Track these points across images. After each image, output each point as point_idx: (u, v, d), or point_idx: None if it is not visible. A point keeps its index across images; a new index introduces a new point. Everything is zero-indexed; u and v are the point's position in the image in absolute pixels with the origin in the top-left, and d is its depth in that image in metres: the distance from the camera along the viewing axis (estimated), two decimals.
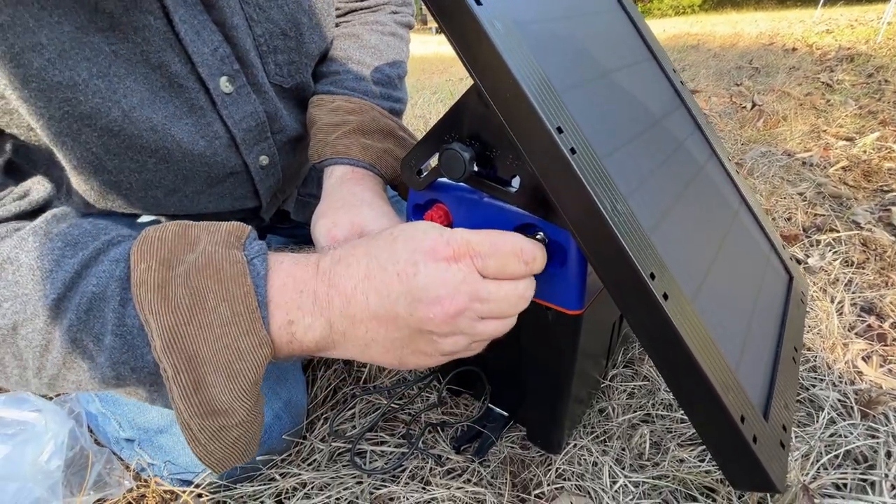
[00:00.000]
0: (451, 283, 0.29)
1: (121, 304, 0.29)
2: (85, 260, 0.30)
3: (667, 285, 0.29)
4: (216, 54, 0.41)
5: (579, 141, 0.29)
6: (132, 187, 0.42)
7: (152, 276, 0.28)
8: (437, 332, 0.30)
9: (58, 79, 0.34)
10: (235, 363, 0.28)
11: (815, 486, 0.41)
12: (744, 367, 0.33)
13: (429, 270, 0.29)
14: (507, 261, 0.31)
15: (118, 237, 0.32)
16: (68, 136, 0.36)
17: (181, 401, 0.28)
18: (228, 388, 0.28)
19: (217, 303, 0.28)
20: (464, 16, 0.28)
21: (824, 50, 2.82)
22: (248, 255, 0.31)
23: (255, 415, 0.30)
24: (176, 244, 0.30)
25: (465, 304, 0.30)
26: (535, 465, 0.46)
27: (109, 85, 0.36)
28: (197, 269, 0.29)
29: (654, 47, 0.49)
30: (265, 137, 0.49)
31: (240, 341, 0.29)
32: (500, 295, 0.31)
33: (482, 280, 0.30)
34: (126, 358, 0.29)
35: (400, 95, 0.58)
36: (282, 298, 0.30)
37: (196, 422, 0.28)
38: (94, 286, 0.29)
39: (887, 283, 0.69)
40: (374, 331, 0.31)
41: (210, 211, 0.50)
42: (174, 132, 0.41)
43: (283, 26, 0.47)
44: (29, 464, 0.43)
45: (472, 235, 0.31)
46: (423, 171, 0.39)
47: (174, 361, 0.28)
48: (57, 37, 0.33)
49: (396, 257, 0.30)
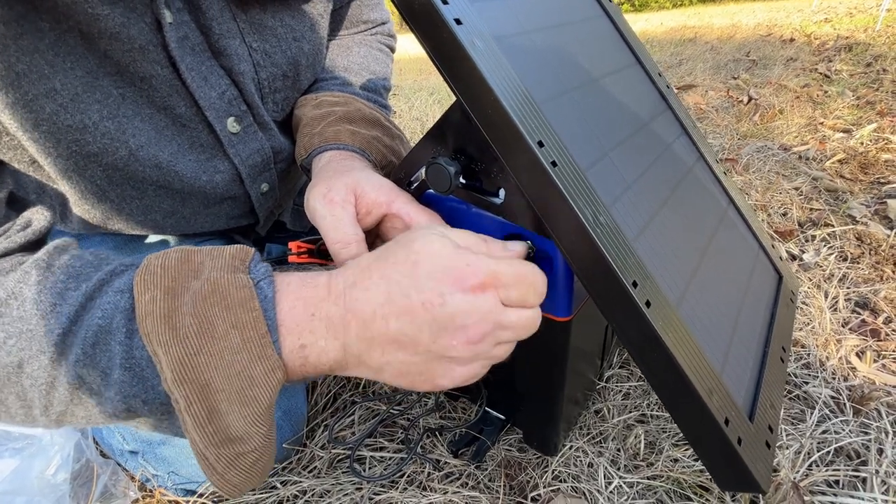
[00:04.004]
0: (478, 314, 0.29)
1: (127, 337, 0.28)
2: (89, 292, 0.29)
3: (649, 293, 0.30)
4: (223, 97, 0.42)
5: (560, 153, 0.30)
6: (133, 212, 0.43)
7: (157, 307, 0.28)
8: (457, 357, 0.30)
9: (69, 122, 0.34)
10: (248, 390, 0.28)
11: (807, 484, 0.42)
12: (729, 369, 0.34)
13: (456, 300, 0.28)
14: (527, 291, 0.31)
15: (121, 266, 0.31)
16: (75, 171, 0.37)
17: (195, 431, 0.27)
18: (243, 415, 0.28)
19: (226, 330, 0.28)
20: (444, 35, 0.29)
21: (822, 40, 2.80)
22: (254, 279, 0.30)
23: (270, 438, 0.30)
24: (179, 271, 0.29)
25: (488, 331, 0.30)
26: (532, 467, 0.47)
27: (118, 126, 0.37)
28: (203, 297, 0.28)
29: (638, 52, 0.49)
30: (268, 169, 0.50)
31: (251, 368, 0.28)
32: (520, 323, 0.31)
33: (504, 309, 0.30)
34: (136, 391, 0.29)
35: (384, 103, 0.59)
36: (293, 322, 0.30)
37: (212, 451, 0.28)
38: (100, 318, 0.28)
39: (882, 278, 0.69)
40: (391, 354, 0.30)
41: (206, 230, 0.51)
42: (178, 168, 0.42)
43: (285, 69, 0.48)
44: (36, 477, 0.44)
45: (497, 266, 0.30)
46: (413, 183, 0.40)
47: (186, 392, 0.27)
48: (70, 82, 0.34)
49: (420, 285, 0.29)
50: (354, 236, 0.36)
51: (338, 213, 0.36)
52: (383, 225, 0.40)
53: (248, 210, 0.52)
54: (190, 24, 0.38)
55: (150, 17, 0.36)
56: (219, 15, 0.40)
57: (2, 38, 0.30)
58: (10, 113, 0.32)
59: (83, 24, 0.33)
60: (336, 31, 0.60)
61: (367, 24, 0.62)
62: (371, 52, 0.59)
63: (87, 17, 0.33)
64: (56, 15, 0.32)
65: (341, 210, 0.37)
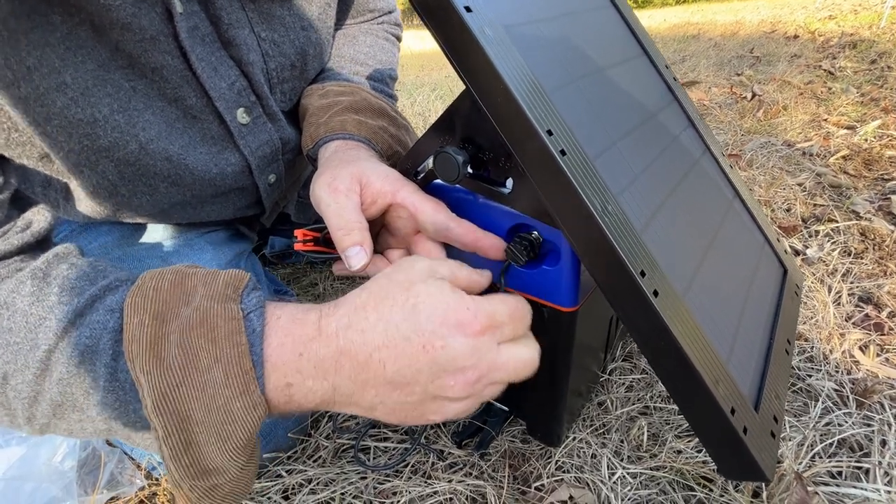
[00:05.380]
0: (477, 356, 0.29)
1: (112, 359, 0.28)
2: (79, 308, 0.29)
3: (657, 282, 0.30)
4: (233, 88, 0.42)
5: (569, 142, 0.30)
6: (142, 205, 0.43)
7: (145, 332, 0.27)
8: (452, 397, 0.30)
9: (80, 116, 0.34)
10: (228, 425, 0.27)
11: (810, 474, 0.42)
12: (735, 359, 0.34)
13: (457, 344, 0.29)
14: (518, 325, 0.32)
15: (115, 282, 0.31)
16: (86, 166, 0.37)
17: (171, 461, 0.27)
18: (220, 449, 0.27)
19: (210, 364, 0.27)
20: (454, 23, 0.28)
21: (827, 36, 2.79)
22: (245, 309, 0.29)
23: (248, 466, 0.30)
24: (172, 295, 0.29)
25: (484, 372, 0.30)
26: (535, 458, 0.47)
27: (129, 119, 0.37)
28: (190, 327, 0.28)
29: (645, 43, 0.49)
30: (276, 160, 0.50)
31: (232, 403, 0.27)
32: (512, 364, 0.31)
33: (499, 349, 0.31)
34: (117, 414, 0.29)
35: (391, 92, 0.59)
36: (279, 359, 0.29)
37: (187, 482, 0.27)
38: (87, 338, 0.28)
39: (885, 273, 0.69)
40: (384, 395, 0.30)
41: (213, 219, 0.51)
42: (189, 161, 0.42)
43: (293, 59, 0.48)
44: (43, 464, 0.45)
45: (492, 307, 0.31)
46: (420, 174, 0.40)
47: (164, 422, 0.26)
48: (81, 76, 0.34)
49: (421, 329, 0.29)
50: (358, 224, 0.36)
51: (342, 202, 0.36)
52: (388, 214, 0.40)
53: (254, 201, 0.52)
54: (200, 14, 0.38)
55: (161, 7, 0.36)
56: (228, 5, 0.40)
57: (13, 32, 0.30)
58: (21, 107, 0.32)
59: (95, 16, 0.33)
60: (342, 21, 0.60)
61: (373, 13, 0.62)
62: (377, 41, 0.59)
63: (98, 7, 0.33)
64: (68, 7, 0.32)
65: (345, 198, 0.37)
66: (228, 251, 0.53)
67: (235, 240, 0.58)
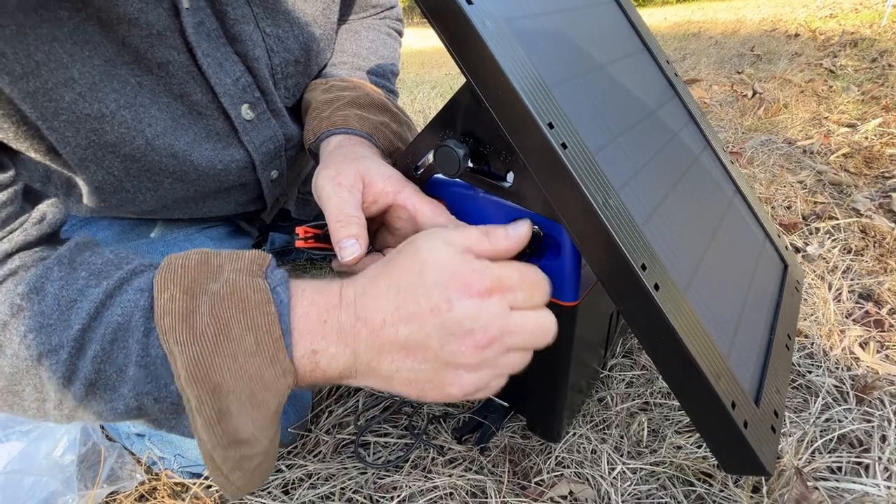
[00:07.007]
0: (485, 317, 0.29)
1: (144, 335, 0.29)
2: (109, 290, 0.30)
3: (658, 276, 0.30)
4: (238, 84, 0.42)
5: (570, 136, 0.30)
6: (146, 201, 0.44)
7: (177, 306, 0.28)
8: (465, 364, 0.30)
9: (87, 111, 0.34)
10: (259, 393, 0.28)
11: (810, 470, 0.42)
12: (735, 354, 0.34)
13: (462, 305, 0.29)
14: (532, 291, 0.32)
15: (140, 266, 0.32)
16: (93, 161, 0.37)
17: (205, 431, 0.27)
18: (252, 419, 0.28)
19: (242, 332, 0.28)
20: (455, 16, 0.28)
21: (827, 35, 2.78)
22: (271, 284, 0.30)
23: (275, 443, 0.30)
24: (199, 272, 0.30)
25: (496, 336, 0.30)
26: (535, 453, 0.47)
27: (135, 115, 0.37)
28: (221, 298, 0.28)
29: (646, 39, 0.49)
30: (279, 156, 0.50)
31: (264, 371, 0.28)
32: (528, 327, 0.31)
33: (511, 313, 0.31)
34: (150, 389, 0.29)
35: (393, 88, 0.59)
36: (305, 327, 0.30)
37: (220, 452, 0.28)
38: (119, 316, 0.29)
39: (886, 270, 0.69)
40: (400, 361, 0.30)
41: (214, 214, 0.51)
42: (194, 157, 0.42)
43: (297, 54, 0.48)
44: (44, 458, 0.45)
45: (501, 270, 0.31)
46: (420, 168, 0.40)
47: (199, 392, 0.27)
48: (88, 71, 0.34)
49: (429, 292, 0.30)
50: (356, 219, 0.37)
51: (344, 196, 0.37)
52: (389, 214, 0.40)
53: (256, 196, 0.52)
54: (206, 10, 0.38)
55: (168, 3, 0.36)
56: (233, 0, 0.40)
57: (21, 26, 0.30)
58: (29, 102, 0.32)
59: (102, 11, 0.33)
60: (345, 16, 0.60)
61: (375, 9, 0.62)
62: (380, 36, 0.59)
63: (106, 2, 0.33)
64: (75, 2, 0.32)
65: (348, 194, 0.37)
66: (228, 247, 0.53)
67: (235, 236, 0.58)
